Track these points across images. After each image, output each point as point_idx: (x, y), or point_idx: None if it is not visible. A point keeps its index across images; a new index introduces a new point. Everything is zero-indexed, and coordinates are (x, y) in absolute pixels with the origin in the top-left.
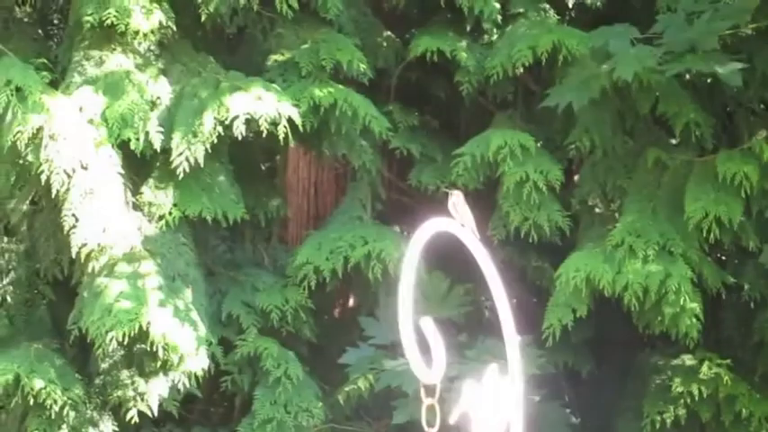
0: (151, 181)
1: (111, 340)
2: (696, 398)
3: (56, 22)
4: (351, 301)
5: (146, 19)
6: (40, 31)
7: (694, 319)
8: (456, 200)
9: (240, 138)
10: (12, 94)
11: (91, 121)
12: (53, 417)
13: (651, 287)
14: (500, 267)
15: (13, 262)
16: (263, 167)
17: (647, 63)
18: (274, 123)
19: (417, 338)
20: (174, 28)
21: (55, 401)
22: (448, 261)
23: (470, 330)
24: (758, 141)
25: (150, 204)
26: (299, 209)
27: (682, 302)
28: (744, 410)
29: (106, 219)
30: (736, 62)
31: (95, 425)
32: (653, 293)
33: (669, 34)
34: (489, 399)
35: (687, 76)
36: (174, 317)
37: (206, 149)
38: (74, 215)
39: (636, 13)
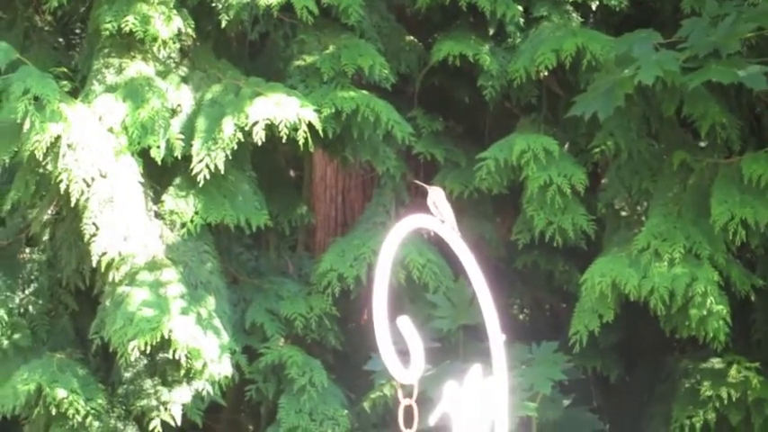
0: (172, 189)
1: (133, 349)
2: (725, 401)
3: (77, 31)
4: None
5: (165, 26)
6: (60, 40)
7: (722, 322)
8: (436, 196)
9: (263, 144)
10: (30, 104)
11: (111, 130)
12: (76, 427)
13: (677, 291)
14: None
15: (35, 272)
16: (291, 176)
17: (669, 68)
18: (295, 129)
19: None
20: (194, 35)
21: (77, 411)
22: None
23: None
24: None
25: (172, 212)
26: (327, 217)
27: (708, 305)
28: None
29: (127, 227)
30: (759, 65)
31: None
32: (679, 297)
33: (693, 38)
34: (471, 399)
35: (711, 79)
36: (196, 324)
37: (227, 156)
38: (94, 224)
39: (660, 17)
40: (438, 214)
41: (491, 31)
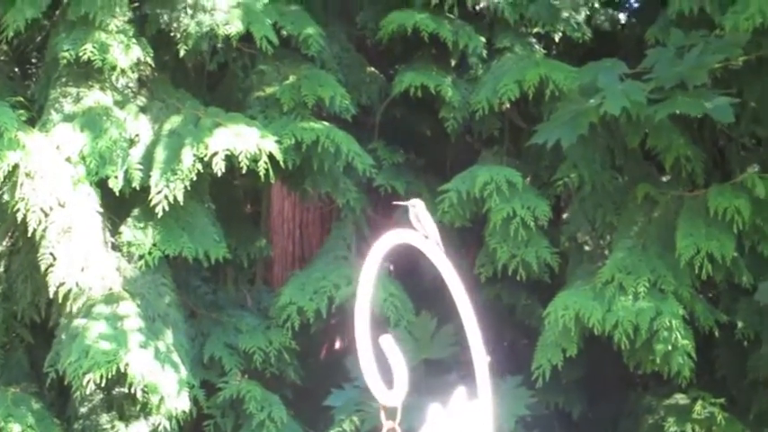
0: (130, 220)
1: (88, 382)
2: None
3: (33, 60)
4: (337, 343)
5: (124, 55)
6: (16, 70)
7: (687, 357)
8: (418, 210)
9: (222, 176)
10: None
11: (69, 159)
12: None
13: (642, 325)
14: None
15: None
16: (248, 211)
17: (635, 98)
18: (255, 160)
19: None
20: (153, 64)
21: None
22: (434, 300)
23: (459, 370)
24: (750, 175)
25: (130, 244)
26: (284, 251)
27: (673, 340)
28: None
29: (84, 258)
30: (726, 98)
31: None
32: (644, 331)
33: (659, 69)
34: (456, 422)
35: (677, 111)
36: (154, 359)
37: (186, 187)
38: (51, 254)
39: (623, 49)
40: (421, 229)
41: (453, 63)
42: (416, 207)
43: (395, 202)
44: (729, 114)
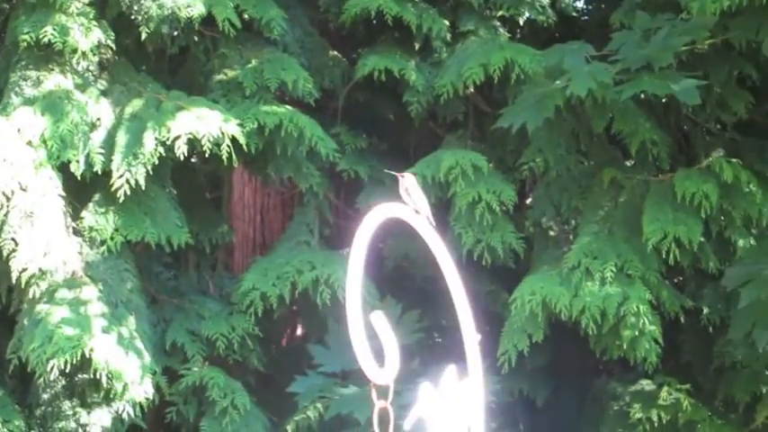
0: (92, 205)
1: (52, 368)
2: (656, 424)
3: None
4: (299, 330)
5: (84, 37)
6: None
7: (653, 343)
8: (408, 184)
9: (184, 160)
10: None
11: (30, 143)
12: None
13: (609, 310)
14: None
15: None
16: (208, 197)
17: (602, 80)
18: (217, 144)
19: None
20: (114, 47)
21: None
22: (399, 287)
23: (422, 356)
24: (717, 159)
25: (91, 229)
26: (245, 237)
27: (641, 326)
28: None
29: (47, 243)
30: (692, 80)
31: None
32: (611, 316)
33: (625, 51)
34: (447, 402)
35: (642, 95)
36: (117, 345)
37: (147, 172)
38: (13, 239)
39: (588, 34)
40: (411, 203)
41: (417, 46)
42: (406, 181)
43: (387, 171)
44: (696, 96)
